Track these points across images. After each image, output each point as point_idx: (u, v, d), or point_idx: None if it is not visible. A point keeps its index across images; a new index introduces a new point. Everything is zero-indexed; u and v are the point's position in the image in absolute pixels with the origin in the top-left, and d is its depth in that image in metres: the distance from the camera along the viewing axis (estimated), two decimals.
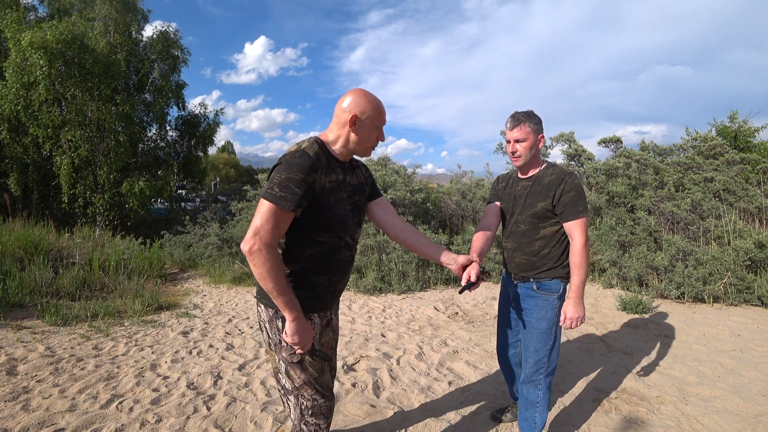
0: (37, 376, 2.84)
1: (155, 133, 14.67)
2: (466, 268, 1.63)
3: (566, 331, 3.89)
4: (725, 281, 4.60)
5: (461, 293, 1.77)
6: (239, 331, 4.03)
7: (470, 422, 2.38)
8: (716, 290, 4.57)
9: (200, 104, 15.66)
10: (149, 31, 14.66)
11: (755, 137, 9.14)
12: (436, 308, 4.70)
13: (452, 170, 10.84)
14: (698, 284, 4.60)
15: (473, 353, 3.39)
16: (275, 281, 1.33)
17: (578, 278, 1.85)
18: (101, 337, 3.73)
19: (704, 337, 3.70)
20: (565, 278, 1.96)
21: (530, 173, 2.02)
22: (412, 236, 1.69)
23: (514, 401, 2.40)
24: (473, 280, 1.60)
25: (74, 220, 11.60)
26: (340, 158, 1.52)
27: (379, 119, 1.51)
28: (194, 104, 15.73)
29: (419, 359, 3.28)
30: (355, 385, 2.81)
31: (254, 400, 2.60)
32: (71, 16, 13.03)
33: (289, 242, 1.45)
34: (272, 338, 1.53)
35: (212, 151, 19.77)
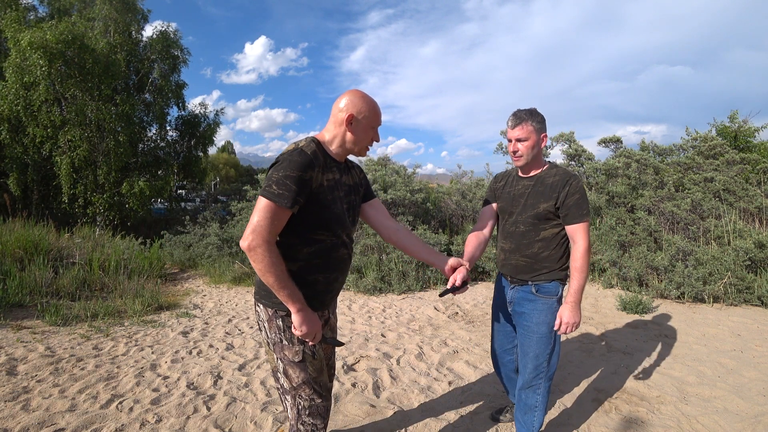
0: (37, 376, 2.85)
1: (155, 133, 14.66)
2: (455, 270, 1.64)
3: None
4: (725, 281, 4.60)
5: (442, 296, 1.77)
6: (239, 331, 4.03)
7: (470, 422, 2.38)
8: (716, 290, 4.57)
9: (200, 104, 15.66)
10: (149, 31, 14.69)
11: (755, 137, 9.15)
12: (436, 308, 4.70)
13: (452, 170, 10.84)
14: (698, 284, 4.60)
15: (473, 353, 3.39)
16: (275, 275, 1.34)
17: (578, 282, 1.80)
18: (101, 337, 3.73)
19: (704, 337, 3.70)
20: (563, 281, 1.92)
21: (532, 173, 1.96)
22: (404, 238, 1.70)
23: (513, 403, 2.36)
24: (458, 284, 1.61)
25: (74, 220, 11.60)
26: (336, 158, 1.54)
27: (374, 119, 1.53)
28: (194, 104, 15.72)
29: (419, 359, 3.28)
30: (355, 385, 2.81)
31: (254, 400, 2.60)
32: (71, 16, 13.03)
33: (287, 241, 1.46)
34: (271, 338, 1.53)
35: (212, 151, 19.77)
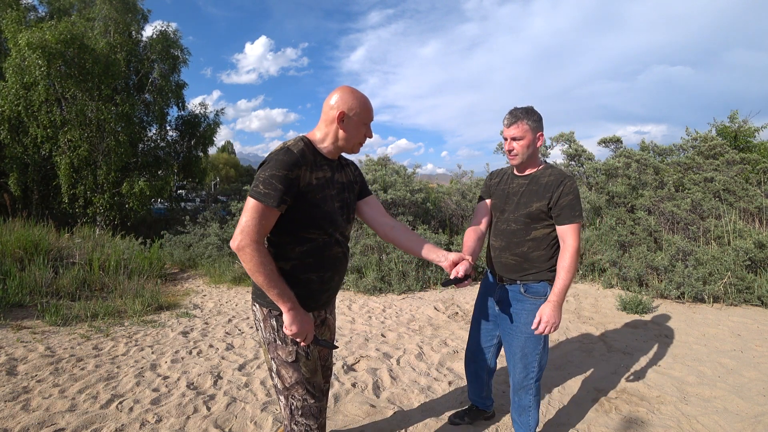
0: (37, 376, 2.84)
1: (155, 133, 14.64)
2: (457, 265, 1.63)
3: (566, 331, 3.89)
4: (725, 281, 4.60)
5: (445, 286, 1.77)
6: (239, 331, 4.03)
7: (470, 422, 2.37)
8: (716, 290, 4.57)
9: (200, 104, 15.63)
10: (149, 31, 14.66)
11: (755, 137, 9.16)
12: (436, 308, 4.69)
13: (452, 170, 10.84)
14: (698, 284, 4.60)
15: None
16: (265, 274, 1.35)
17: (564, 282, 1.78)
18: (101, 337, 3.73)
19: (704, 337, 3.70)
20: (551, 281, 1.89)
21: (527, 172, 1.96)
22: (401, 234, 1.67)
23: (473, 405, 2.36)
24: (460, 275, 1.60)
25: (74, 220, 11.60)
26: (328, 156, 1.53)
27: (366, 116, 1.52)
28: (194, 104, 15.66)
29: (419, 359, 3.28)
30: (355, 385, 2.81)
31: (254, 400, 2.60)
32: (71, 15, 13.03)
33: (279, 240, 1.46)
34: (266, 337, 1.53)
35: (212, 151, 19.76)
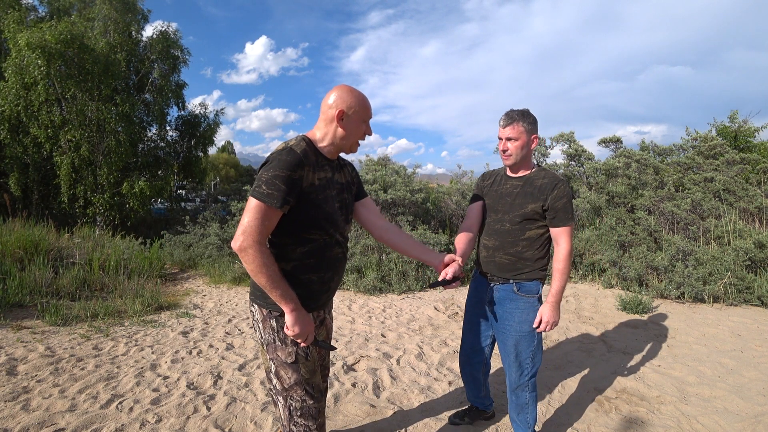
0: (37, 376, 2.84)
1: (155, 133, 14.65)
2: (447, 266, 1.66)
3: (566, 331, 3.89)
4: (725, 281, 4.60)
5: (432, 287, 1.79)
6: (239, 331, 4.03)
7: (470, 422, 2.37)
8: (716, 290, 4.57)
9: (200, 104, 15.63)
10: (149, 31, 14.66)
11: (755, 137, 9.17)
12: (436, 308, 4.70)
13: (452, 170, 10.84)
14: (698, 284, 4.60)
15: None
16: (267, 275, 1.34)
17: (559, 284, 1.84)
18: (101, 337, 3.73)
19: (704, 337, 3.70)
20: (543, 280, 1.96)
21: (520, 173, 1.99)
22: (395, 236, 1.70)
23: (473, 405, 2.36)
24: (449, 277, 1.63)
25: (74, 220, 11.60)
26: (328, 156, 1.52)
27: (365, 113, 1.51)
28: (194, 104, 15.68)
29: (419, 359, 3.28)
30: (355, 385, 2.81)
31: (254, 400, 2.60)
32: (71, 15, 13.03)
33: (280, 241, 1.45)
34: (265, 338, 1.52)
35: (212, 151, 19.76)
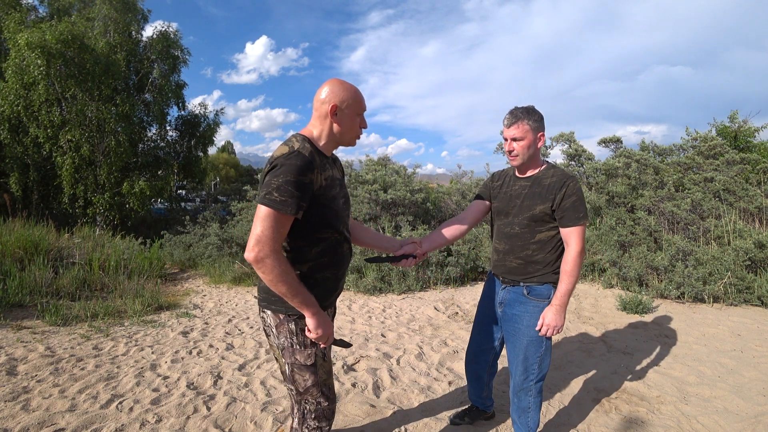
0: (37, 376, 2.85)
1: (155, 133, 14.67)
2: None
3: (566, 331, 3.89)
4: (725, 281, 4.60)
5: (369, 262, 1.84)
6: (239, 331, 4.03)
7: (470, 422, 2.37)
8: (716, 290, 4.57)
9: (200, 104, 15.66)
10: (149, 31, 14.69)
11: (755, 137, 9.17)
12: (436, 308, 4.70)
13: (452, 170, 10.86)
14: (698, 284, 4.60)
15: None
16: (287, 284, 1.32)
17: (566, 286, 1.77)
18: (101, 337, 3.73)
19: (704, 337, 3.70)
20: (555, 284, 1.87)
21: (528, 173, 1.93)
22: (359, 232, 1.80)
23: (473, 405, 2.35)
24: (398, 254, 1.73)
25: (74, 220, 11.60)
26: (326, 153, 1.50)
27: (358, 106, 1.48)
28: (194, 104, 15.72)
29: (419, 359, 3.28)
30: (355, 385, 2.81)
31: (254, 400, 2.60)
32: (71, 15, 13.03)
33: (294, 244, 1.44)
34: (280, 342, 1.50)
35: (212, 151, 19.77)
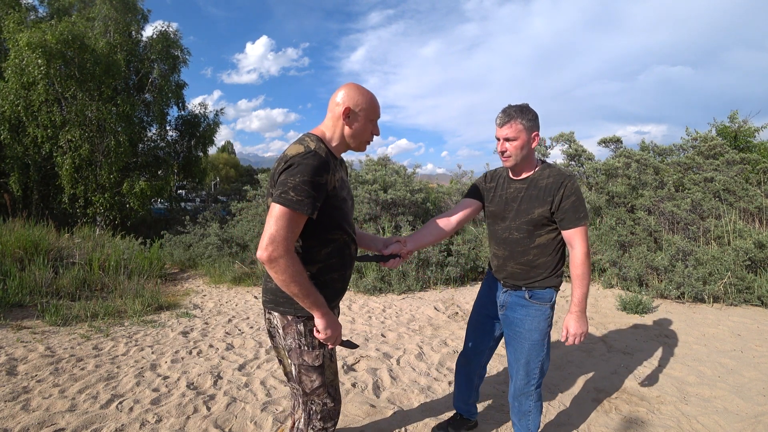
0: (37, 376, 2.84)
1: (155, 133, 14.67)
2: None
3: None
4: (725, 281, 4.60)
5: (359, 260, 1.80)
6: (239, 331, 4.03)
7: None
8: (716, 290, 4.57)
9: (200, 104, 15.66)
10: (149, 31, 14.68)
11: (755, 137, 9.17)
12: (436, 308, 4.70)
13: (452, 170, 10.85)
14: (698, 284, 4.60)
15: None
16: (299, 284, 1.31)
17: (581, 290, 1.71)
18: (101, 337, 3.73)
19: (704, 337, 3.70)
20: (558, 287, 1.85)
21: (524, 175, 1.84)
22: None
23: (457, 414, 2.28)
24: (385, 253, 1.73)
25: (74, 220, 11.60)
26: (336, 154, 1.51)
27: (372, 112, 1.49)
28: (194, 104, 15.72)
29: (419, 359, 3.28)
30: (355, 385, 2.81)
31: (254, 400, 2.60)
32: (71, 15, 13.03)
33: (305, 244, 1.43)
34: (287, 344, 1.49)
35: (212, 151, 19.77)
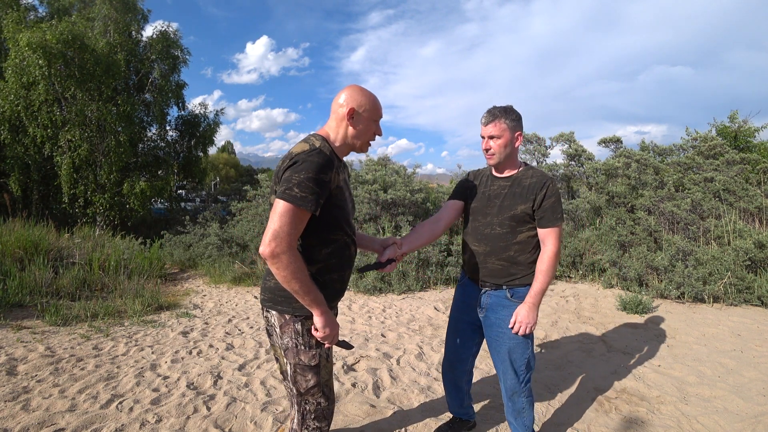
0: (37, 376, 2.84)
1: (155, 133, 14.67)
2: (386, 249, 1.74)
3: (566, 331, 3.89)
4: (725, 281, 4.60)
5: (362, 271, 1.79)
6: (239, 331, 4.03)
7: None
8: (716, 290, 4.57)
9: (200, 104, 15.65)
10: (149, 31, 14.68)
11: (755, 137, 9.18)
12: (436, 308, 4.70)
13: (452, 170, 10.87)
14: (698, 284, 4.60)
15: None
16: (300, 281, 1.32)
17: (541, 285, 1.78)
18: (101, 337, 3.73)
19: (704, 337, 3.70)
20: None
21: (507, 173, 1.91)
22: None
23: (455, 417, 2.28)
24: (383, 260, 1.67)
25: (74, 220, 11.60)
26: (340, 155, 1.52)
27: (375, 113, 1.51)
28: (194, 104, 15.72)
29: (419, 359, 3.28)
30: (355, 385, 2.81)
31: (254, 400, 2.60)
32: (71, 15, 13.03)
33: (306, 243, 1.44)
34: (284, 343, 1.50)
35: (212, 151, 19.77)
